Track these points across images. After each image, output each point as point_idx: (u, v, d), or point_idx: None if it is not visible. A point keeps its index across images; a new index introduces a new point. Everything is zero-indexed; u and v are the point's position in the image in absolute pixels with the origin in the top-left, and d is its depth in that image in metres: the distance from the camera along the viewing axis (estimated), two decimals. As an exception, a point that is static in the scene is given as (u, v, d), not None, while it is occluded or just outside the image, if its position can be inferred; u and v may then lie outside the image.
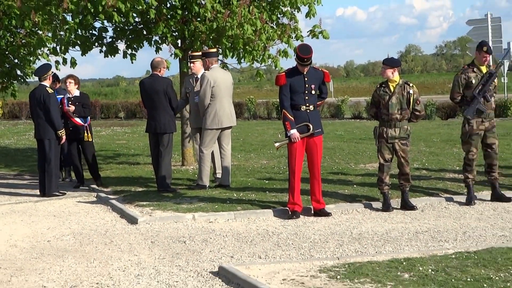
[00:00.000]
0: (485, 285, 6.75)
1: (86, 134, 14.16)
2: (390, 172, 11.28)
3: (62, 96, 14.29)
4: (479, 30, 32.97)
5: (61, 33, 14.65)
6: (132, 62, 16.06)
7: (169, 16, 14.53)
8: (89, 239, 9.82)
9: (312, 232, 9.85)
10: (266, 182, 13.45)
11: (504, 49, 31.78)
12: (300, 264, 7.94)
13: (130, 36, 15.26)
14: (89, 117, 14.47)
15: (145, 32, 15.25)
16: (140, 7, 13.74)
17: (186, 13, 14.59)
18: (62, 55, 16.01)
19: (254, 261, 8.36)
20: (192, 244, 9.36)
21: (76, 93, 14.25)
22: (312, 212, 10.97)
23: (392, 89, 11.03)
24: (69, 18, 14.41)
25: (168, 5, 14.73)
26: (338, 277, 7.27)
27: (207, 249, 9.04)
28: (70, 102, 14.04)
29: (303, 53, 10.60)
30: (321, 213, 10.87)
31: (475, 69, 11.46)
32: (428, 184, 12.71)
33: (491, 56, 12.19)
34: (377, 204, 11.35)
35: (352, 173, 14.22)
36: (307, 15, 15.29)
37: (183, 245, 9.32)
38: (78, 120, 14.04)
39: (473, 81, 11.35)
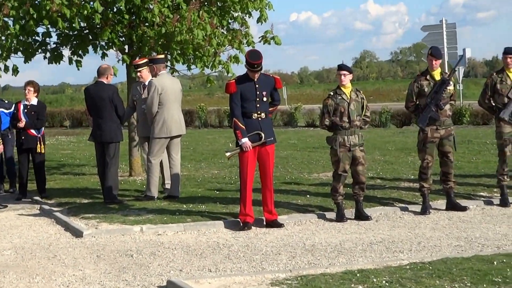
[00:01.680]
0: (439, 296, 6.84)
1: (39, 145, 14.02)
2: (345, 181, 11.36)
3: (19, 101, 14.18)
4: (434, 36, 33.36)
5: (3, 38, 14.51)
6: (78, 69, 15.94)
7: (115, 21, 14.45)
8: (32, 253, 9.71)
9: (264, 244, 9.87)
10: (217, 192, 13.45)
11: (459, 55, 32.13)
12: (251, 277, 7.92)
13: (75, 42, 15.16)
14: (43, 128, 14.35)
15: (91, 38, 15.16)
16: (86, 11, 13.66)
17: (134, 17, 14.56)
18: (4, 61, 15.79)
19: (203, 275, 8.34)
20: (139, 257, 9.31)
21: (34, 101, 14.10)
22: (264, 223, 10.98)
23: (348, 96, 11.11)
24: (10, 23, 14.27)
25: (115, 9, 14.62)
26: (290, 289, 7.31)
27: (155, 263, 9.00)
28: (26, 110, 13.91)
29: (253, 59, 10.63)
30: (273, 224, 10.90)
31: (427, 77, 11.60)
32: (382, 194, 12.82)
33: (446, 62, 12.36)
34: (331, 215, 11.41)
35: (306, 182, 14.29)
36: (259, 20, 15.34)
37: (130, 258, 9.27)
38: (32, 130, 13.92)
39: (426, 89, 11.48)
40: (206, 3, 14.68)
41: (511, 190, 12.18)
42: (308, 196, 12.81)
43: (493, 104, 12.06)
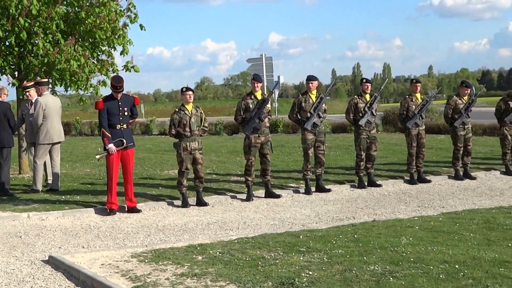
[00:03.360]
0: (259, 262, 6.88)
1: None
2: (188, 176, 11.34)
3: None
4: (256, 66, 33.81)
5: None
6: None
7: (7, 52, 13.98)
8: None
9: (126, 226, 9.72)
10: (89, 186, 13.11)
11: (275, 81, 32.80)
12: (116, 251, 7.77)
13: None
14: None
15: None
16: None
17: (22, 50, 14.11)
18: None
19: (78, 251, 8.13)
20: (27, 238, 8.98)
21: None
22: (126, 209, 10.81)
23: (190, 111, 11.14)
24: None
25: (7, 43, 14.11)
26: (146, 260, 7.20)
27: (39, 242, 8.70)
28: None
29: (116, 82, 10.59)
30: (133, 210, 10.75)
31: (252, 97, 11.77)
32: (217, 185, 12.85)
33: (265, 86, 12.55)
34: (178, 202, 11.35)
35: (158, 177, 14.15)
36: (122, 53, 15.12)
37: (19, 239, 8.92)
38: None
39: (251, 106, 11.64)
40: (80, 39, 14.35)
41: (313, 182, 12.48)
42: (160, 188, 12.69)
43: (299, 118, 12.33)
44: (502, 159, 14.44)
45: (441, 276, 6.15)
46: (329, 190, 12.38)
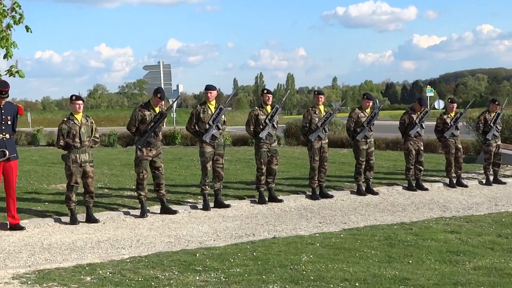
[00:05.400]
0: (153, 283, 6.84)
1: None
2: (77, 191, 11.13)
3: None
4: (154, 74, 33.63)
5: None
6: None
7: None
8: None
9: (8, 244, 9.42)
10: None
11: (174, 90, 32.72)
12: (-5, 272, 7.53)
13: None
14: None
15: None
16: None
17: None
18: None
19: (-48, 272, 7.81)
20: None
21: None
22: (8, 226, 10.48)
23: (79, 120, 10.98)
24: None
25: None
26: (29, 282, 7.01)
27: None
28: None
29: (2, 86, 10.28)
30: (16, 227, 10.43)
31: (150, 109, 11.68)
32: (109, 201, 12.66)
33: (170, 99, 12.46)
34: (66, 219, 11.10)
35: (45, 192, 13.79)
36: (5, 56, 14.63)
37: None
38: None
39: (147, 118, 11.56)
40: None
41: (211, 197, 12.50)
42: (46, 203, 12.37)
43: (197, 129, 12.31)
44: (405, 174, 14.89)
45: (341, 295, 6.27)
46: (228, 206, 12.42)
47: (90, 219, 11.10)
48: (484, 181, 15.72)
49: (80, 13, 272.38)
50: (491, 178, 15.73)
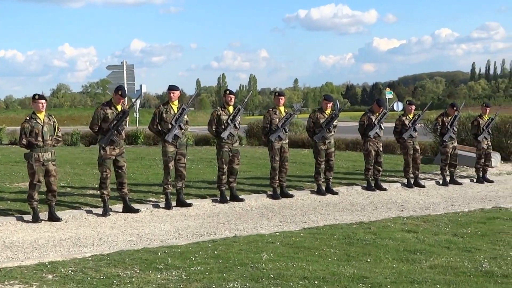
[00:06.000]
0: (114, 281, 6.80)
1: None
2: (40, 190, 11.02)
3: None
4: (117, 74, 33.37)
5: None
6: None
7: None
8: None
9: (-32, 243, 9.30)
10: None
11: (137, 90, 32.53)
12: (-45, 271, 7.42)
13: None
14: None
15: None
16: None
17: None
18: None
19: None
20: None
21: None
22: (-31, 225, 10.35)
23: (42, 120, 10.85)
24: None
25: None
26: (-10, 281, 6.93)
27: None
28: None
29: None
30: (-23, 226, 10.30)
31: (112, 107, 11.62)
32: (72, 199, 12.52)
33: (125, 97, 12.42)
34: (28, 217, 10.98)
35: (7, 191, 13.59)
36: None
37: None
38: None
39: (110, 116, 11.49)
40: None
41: (174, 196, 12.46)
42: (9, 201, 12.20)
43: (160, 129, 12.26)
44: (364, 174, 15.02)
45: (300, 293, 6.31)
46: (190, 205, 12.40)
47: (53, 218, 10.99)
48: (441, 181, 15.94)
49: (45, 13, 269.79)
50: (448, 178, 15.96)
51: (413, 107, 15.82)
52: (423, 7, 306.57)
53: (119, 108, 11.64)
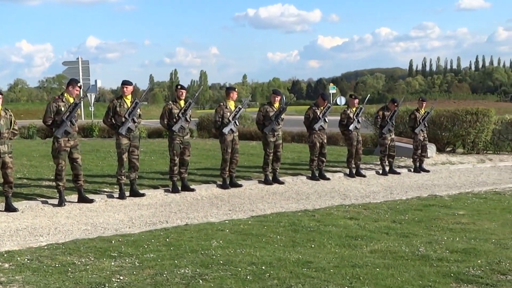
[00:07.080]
0: (69, 269, 6.69)
1: None
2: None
3: None
4: (73, 69, 32.87)
5: None
6: None
7: None
8: None
9: None
10: None
11: (92, 85, 32.14)
12: None
13: None
14: None
15: None
16: None
17: None
18: None
19: None
20: None
21: None
22: None
23: None
24: None
25: None
26: None
27: None
28: None
29: None
30: None
31: (64, 99, 11.44)
32: (28, 191, 12.30)
33: (81, 90, 12.24)
34: (-16, 208, 10.77)
35: (-36, 182, 13.30)
36: None
37: None
38: None
39: (62, 109, 11.32)
40: None
41: (127, 186, 12.35)
42: (-35, 193, 11.95)
43: (114, 122, 12.13)
44: (309, 165, 15.11)
45: (248, 277, 6.32)
46: (143, 195, 12.31)
47: (9, 208, 10.78)
48: (380, 171, 16.15)
49: (3, 10, 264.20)
50: (387, 168, 16.18)
51: (357, 100, 15.98)
52: (364, 8, 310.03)
53: (71, 100, 11.47)
